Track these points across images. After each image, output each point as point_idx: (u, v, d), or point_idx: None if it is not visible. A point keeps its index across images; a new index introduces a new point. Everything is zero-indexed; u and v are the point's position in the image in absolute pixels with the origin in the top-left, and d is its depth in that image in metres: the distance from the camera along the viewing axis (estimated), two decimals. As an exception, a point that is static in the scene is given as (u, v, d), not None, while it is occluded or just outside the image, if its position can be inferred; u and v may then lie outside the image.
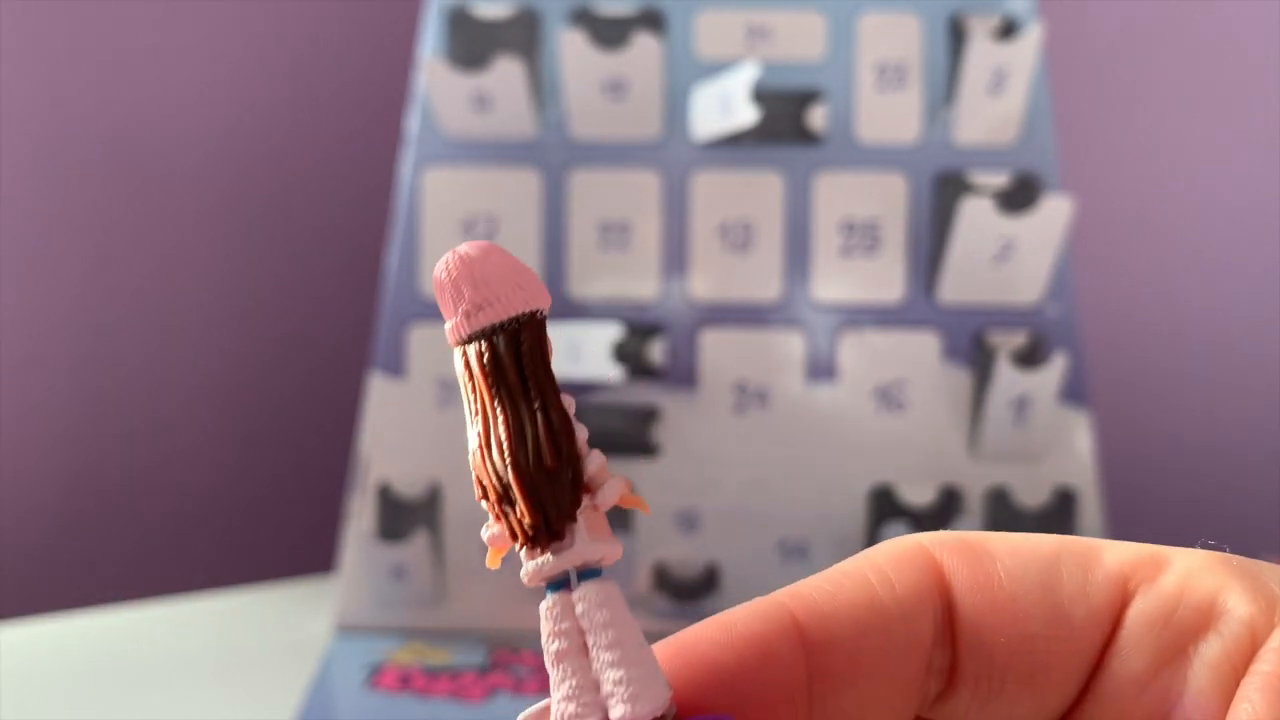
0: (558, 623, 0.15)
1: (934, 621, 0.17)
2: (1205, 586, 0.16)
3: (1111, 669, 0.16)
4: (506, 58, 0.47)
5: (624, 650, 0.15)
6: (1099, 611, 0.17)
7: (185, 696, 0.43)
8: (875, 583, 0.17)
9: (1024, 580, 0.17)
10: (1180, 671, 0.16)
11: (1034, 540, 0.17)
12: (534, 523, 0.15)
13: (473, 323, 0.15)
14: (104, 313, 0.63)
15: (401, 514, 0.48)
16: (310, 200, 0.68)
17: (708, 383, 0.48)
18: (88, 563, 0.63)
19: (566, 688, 0.15)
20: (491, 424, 0.15)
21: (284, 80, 0.66)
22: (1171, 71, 0.66)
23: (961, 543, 0.17)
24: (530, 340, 0.15)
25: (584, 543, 0.15)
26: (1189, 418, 0.67)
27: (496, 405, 0.15)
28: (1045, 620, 0.17)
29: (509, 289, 0.15)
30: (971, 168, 0.49)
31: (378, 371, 0.48)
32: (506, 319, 0.15)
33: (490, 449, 0.15)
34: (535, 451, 0.15)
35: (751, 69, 0.46)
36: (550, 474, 0.15)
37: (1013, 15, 0.49)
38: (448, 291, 0.15)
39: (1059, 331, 0.48)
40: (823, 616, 0.16)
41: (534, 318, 0.15)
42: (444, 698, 0.42)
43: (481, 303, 0.15)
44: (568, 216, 0.49)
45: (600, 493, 0.15)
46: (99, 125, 0.62)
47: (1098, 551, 0.17)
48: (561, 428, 0.15)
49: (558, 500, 0.15)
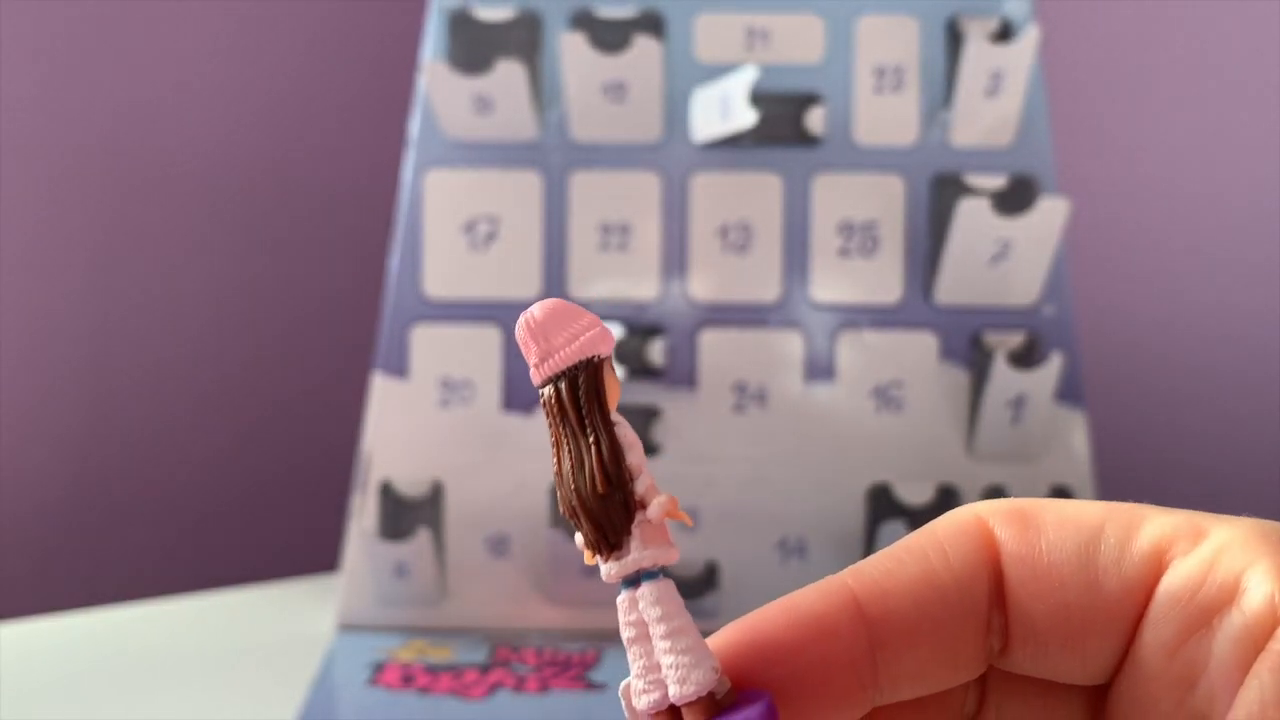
0: (627, 615, 0.18)
1: (988, 588, 0.18)
2: (1234, 562, 0.17)
3: (1144, 638, 0.17)
4: (507, 60, 0.47)
5: (674, 640, 0.18)
6: (1132, 583, 0.17)
7: (187, 695, 0.44)
8: (932, 557, 0.18)
9: (1063, 550, 0.18)
10: (1205, 642, 0.17)
11: (1082, 509, 0.18)
12: (595, 539, 0.18)
13: (541, 373, 0.18)
14: (106, 313, 0.63)
15: (403, 513, 0.48)
16: (313, 201, 0.68)
17: (707, 383, 0.49)
18: (89, 562, 0.64)
19: (637, 667, 0.18)
20: (562, 457, 0.18)
21: (286, 82, 0.67)
22: (1167, 73, 0.66)
23: (1013, 511, 0.18)
24: (587, 384, 0.18)
25: (638, 552, 0.18)
26: (1185, 418, 0.67)
27: (565, 439, 0.18)
28: (1080, 590, 0.17)
29: (567, 340, 0.18)
30: (969, 169, 0.49)
31: (380, 371, 0.49)
32: (565, 368, 0.18)
33: (562, 479, 0.18)
34: (590, 479, 0.18)
35: (751, 72, 0.47)
36: (603, 498, 0.18)
37: (1010, 18, 0.49)
38: (524, 347, 0.18)
39: (1055, 332, 0.48)
40: (882, 592, 0.18)
41: (590, 363, 0.18)
42: (446, 695, 0.43)
43: (545, 355, 0.18)
44: (568, 218, 0.49)
45: (650, 510, 0.18)
46: (101, 127, 0.63)
47: (1139, 522, 0.18)
48: (611, 456, 0.18)
49: (612, 519, 0.18)
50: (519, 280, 0.49)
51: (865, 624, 0.18)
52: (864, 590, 0.18)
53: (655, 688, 0.18)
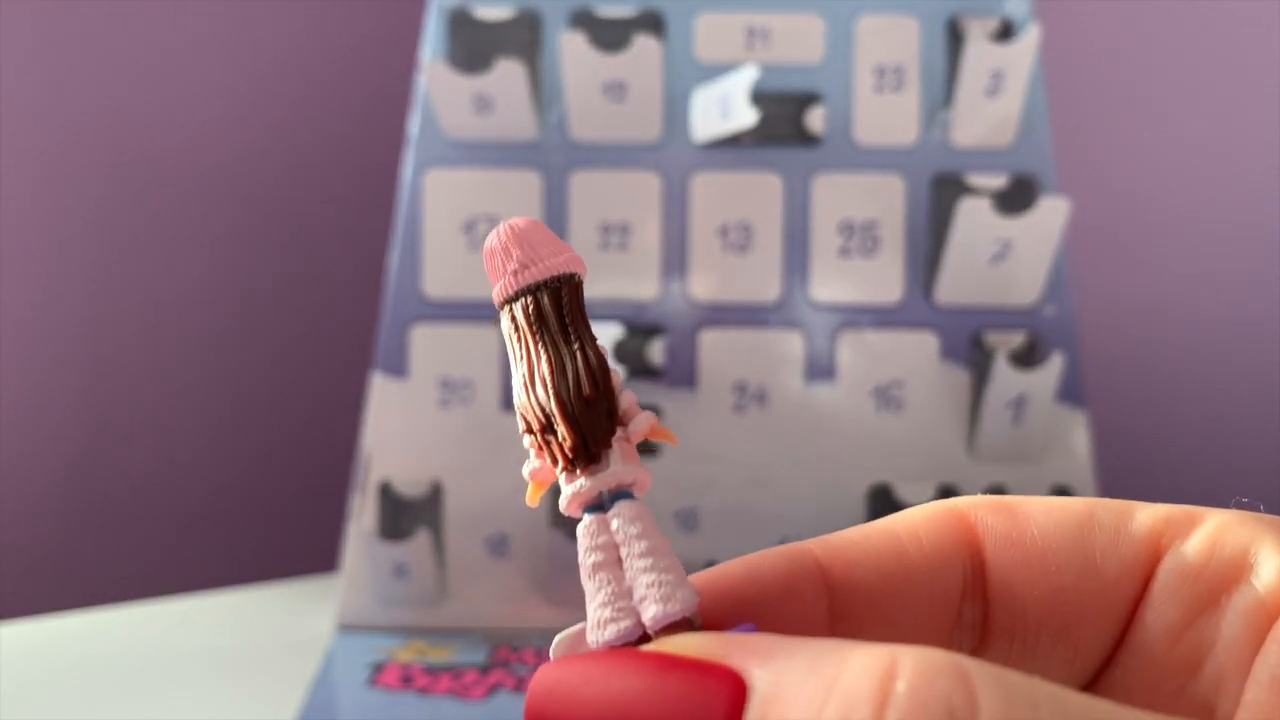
0: (594, 539, 0.17)
1: (963, 575, 0.17)
2: (1238, 539, 0.16)
3: (1144, 622, 0.17)
4: (507, 59, 0.47)
5: (656, 558, 0.17)
6: (1131, 565, 0.17)
7: (187, 695, 0.44)
8: (904, 538, 0.18)
9: (1056, 536, 0.17)
10: (1213, 622, 0.16)
11: (1068, 501, 0.18)
12: (574, 445, 0.17)
13: (520, 280, 0.17)
14: (104, 312, 0.63)
15: (403, 513, 0.48)
16: (312, 201, 0.68)
17: (707, 383, 0.48)
18: (88, 562, 0.64)
19: (603, 595, 0.16)
20: (535, 365, 0.17)
21: (285, 82, 0.67)
22: (1168, 73, 0.66)
23: (996, 503, 0.18)
24: (570, 296, 0.17)
25: (618, 465, 0.17)
26: (1186, 417, 0.67)
27: (540, 349, 0.17)
28: (1077, 574, 0.17)
29: (551, 253, 0.17)
30: (969, 169, 0.49)
31: (379, 372, 0.49)
32: (549, 277, 0.17)
33: (534, 385, 0.17)
34: (575, 383, 0.17)
35: (751, 71, 0.46)
36: (588, 402, 0.17)
37: (1010, 17, 0.49)
38: (498, 255, 0.17)
39: (1056, 332, 0.48)
40: (847, 562, 0.17)
41: (573, 279, 0.17)
42: (445, 696, 0.42)
43: (528, 262, 0.17)
44: (568, 217, 0.49)
45: (632, 424, 0.17)
46: (100, 127, 0.63)
47: (1131, 510, 0.17)
48: (599, 364, 0.17)
49: (594, 427, 0.17)
50: (519, 280, 0.49)
51: (827, 592, 0.17)
52: (829, 558, 0.17)
53: (625, 615, 0.16)
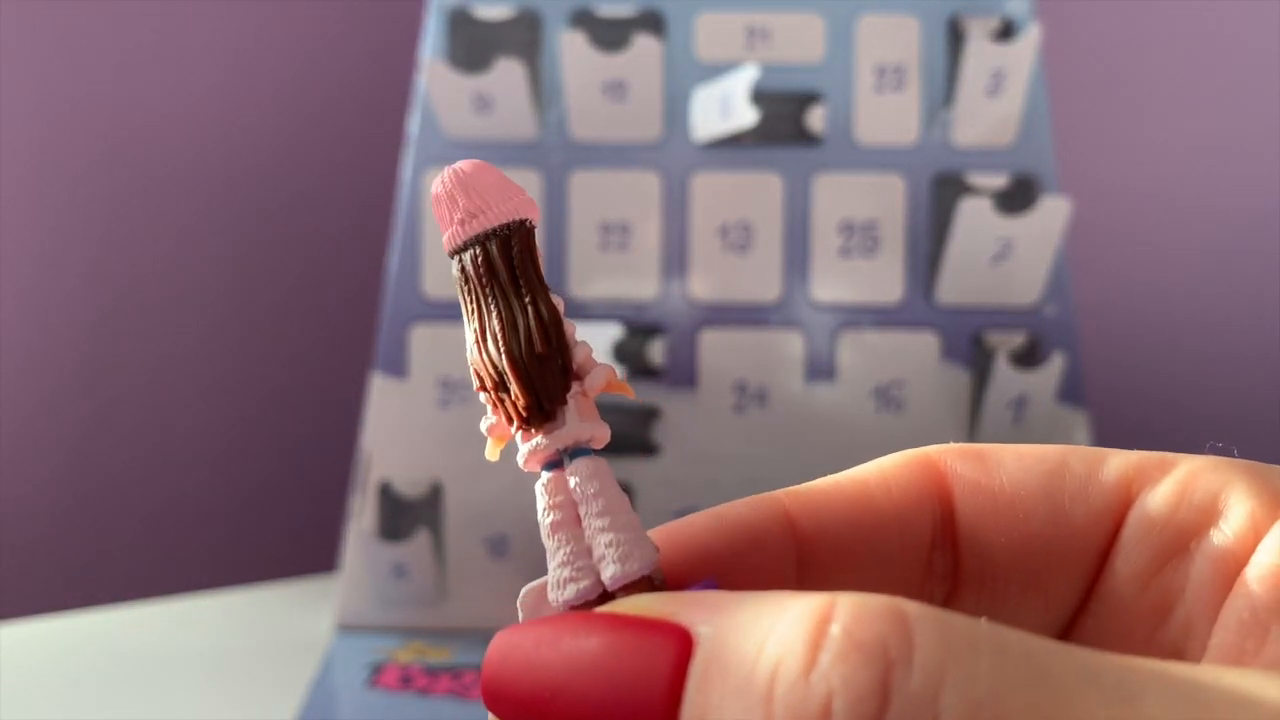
0: (553, 497, 0.16)
1: (932, 523, 0.17)
2: (1208, 484, 0.16)
3: (1114, 569, 0.16)
4: (507, 59, 0.47)
5: (613, 516, 0.16)
6: (1100, 512, 0.17)
7: (186, 696, 0.43)
8: (873, 486, 0.17)
9: (1025, 483, 0.17)
10: (1182, 568, 0.16)
11: (1041, 448, 0.17)
12: (528, 404, 0.16)
13: (467, 229, 0.16)
14: (104, 312, 0.63)
15: (403, 513, 0.48)
16: (312, 201, 0.68)
17: (708, 383, 0.48)
18: (88, 562, 0.64)
19: (562, 555, 0.16)
20: (487, 320, 0.16)
21: (285, 81, 0.66)
22: (1169, 72, 0.66)
23: (966, 451, 0.18)
24: (520, 245, 0.16)
25: (574, 423, 0.16)
26: (1186, 417, 0.67)
27: (490, 303, 0.16)
28: (1045, 521, 0.17)
29: (499, 199, 0.16)
30: (970, 169, 0.49)
31: (379, 372, 0.48)
32: (498, 225, 0.16)
33: (486, 342, 0.16)
34: (527, 339, 0.16)
35: (751, 71, 0.46)
36: (541, 359, 0.16)
37: (1011, 17, 0.49)
38: (444, 203, 0.16)
39: (1057, 332, 0.48)
40: (815, 510, 0.17)
41: (523, 225, 0.16)
42: (445, 696, 0.42)
43: (475, 210, 0.16)
44: (568, 217, 0.49)
45: (589, 379, 0.16)
46: (99, 125, 0.62)
47: (1102, 456, 0.17)
48: (551, 318, 0.16)
49: (548, 384, 0.16)
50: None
51: (795, 540, 0.17)
52: (797, 507, 0.17)
53: (584, 574, 0.16)
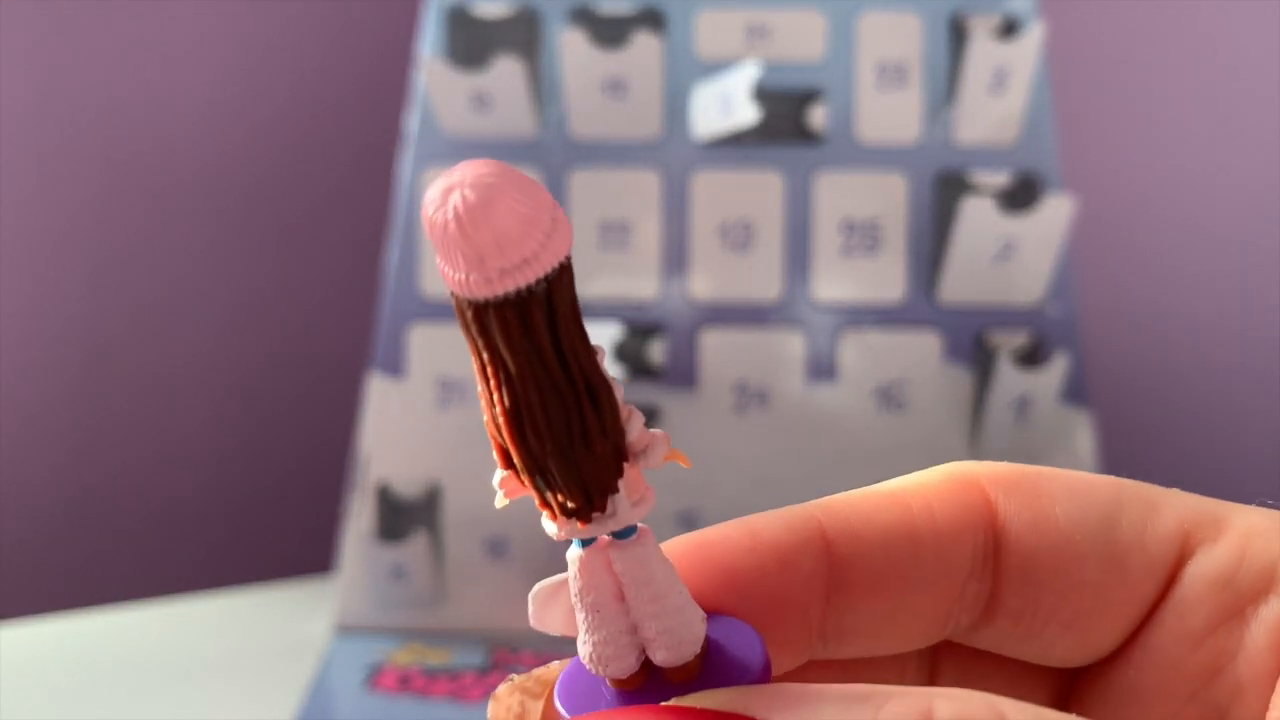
0: (592, 576, 0.14)
1: (973, 554, 0.16)
2: (1267, 548, 0.16)
3: (1165, 623, 0.16)
4: (506, 57, 0.47)
5: (664, 603, 0.14)
6: (1155, 564, 0.16)
7: (184, 697, 0.43)
8: (915, 509, 0.17)
9: (1082, 524, 0.16)
10: (1236, 632, 0.16)
11: (1091, 482, 0.17)
12: (577, 505, 0.13)
13: (495, 287, 0.12)
14: (102, 312, 0.63)
15: (401, 514, 0.48)
16: (309, 199, 0.67)
17: (708, 383, 0.48)
18: (86, 563, 0.63)
19: (604, 633, 0.14)
20: (520, 395, 0.13)
21: (283, 79, 0.66)
22: (1173, 70, 0.66)
23: (1017, 478, 0.17)
24: (563, 298, 0.13)
25: (625, 509, 0.14)
26: (1190, 418, 0.67)
27: (526, 373, 0.13)
28: (1099, 566, 0.16)
29: (538, 241, 0.12)
30: (972, 167, 0.48)
31: (377, 371, 0.48)
32: (535, 281, 0.12)
33: (521, 425, 0.13)
34: (581, 433, 0.13)
35: (752, 68, 0.46)
36: (594, 453, 0.13)
37: (1014, 14, 0.49)
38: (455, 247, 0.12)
39: (1060, 331, 0.48)
40: (852, 534, 0.16)
41: (564, 269, 0.13)
42: (443, 698, 0.42)
43: (507, 266, 0.12)
44: (568, 216, 0.49)
45: (644, 458, 0.14)
46: (95, 124, 0.62)
47: (1157, 502, 0.17)
48: (605, 399, 0.13)
49: (601, 478, 0.13)
50: (518, 279, 0.48)
51: (829, 565, 0.16)
52: (835, 528, 0.16)
53: (629, 651, 0.14)
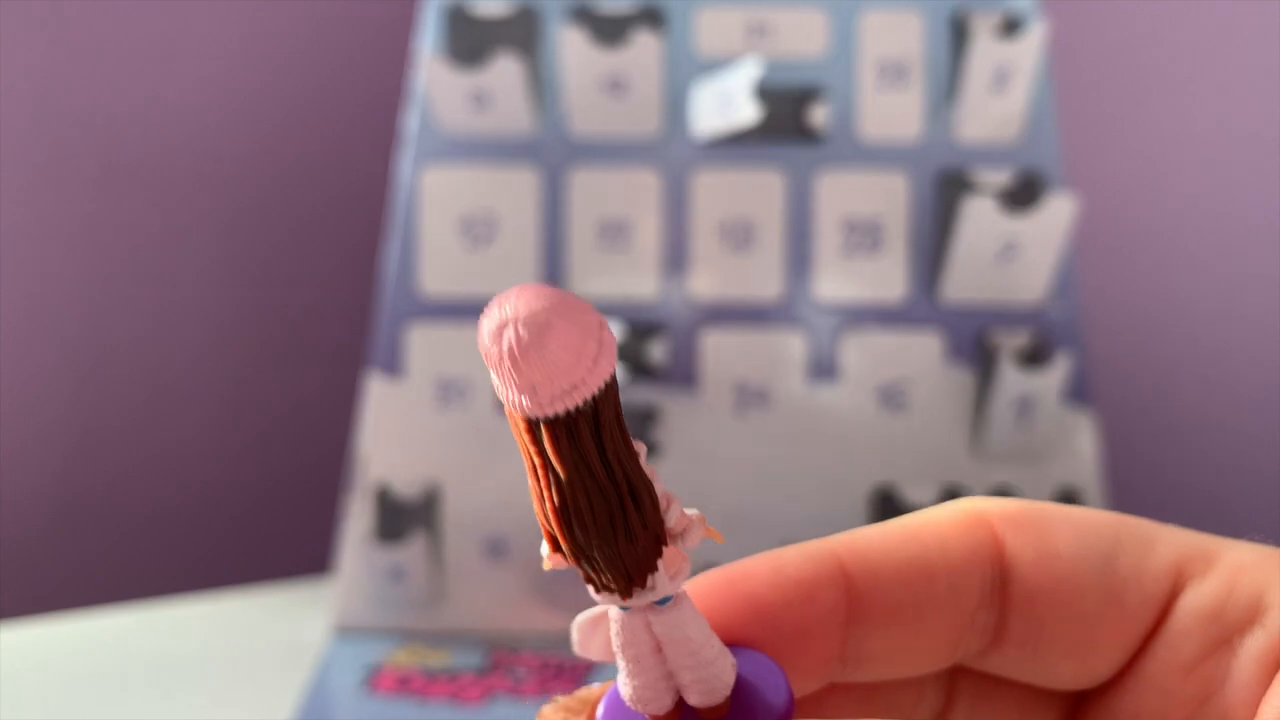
0: (632, 634, 0.16)
1: (982, 586, 0.18)
2: (1253, 583, 0.17)
3: (1157, 653, 0.18)
4: (505, 55, 0.47)
5: (699, 657, 0.16)
6: (1151, 598, 0.18)
7: (182, 698, 0.43)
8: (929, 544, 0.18)
9: (1084, 559, 0.18)
10: (1224, 661, 0.17)
11: (1092, 517, 0.18)
12: (619, 587, 0.15)
13: (545, 410, 0.14)
14: (101, 312, 0.63)
15: (399, 515, 0.47)
16: (307, 198, 0.67)
17: (708, 383, 0.48)
18: (83, 564, 0.63)
19: (643, 679, 0.16)
20: (568, 495, 0.14)
21: (280, 77, 0.66)
22: (1177, 69, 0.66)
23: (1024, 515, 0.18)
24: (608, 411, 0.14)
25: (664, 583, 0.15)
26: (1193, 418, 0.67)
27: (575, 478, 0.14)
28: (1099, 599, 0.18)
29: (585, 367, 0.13)
30: (974, 166, 0.48)
31: (375, 371, 0.48)
32: (584, 401, 0.14)
33: (569, 521, 0.15)
34: (624, 528, 0.14)
35: (753, 67, 0.46)
36: (635, 545, 0.15)
37: (1016, 13, 0.48)
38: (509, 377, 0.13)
39: (1062, 331, 0.48)
40: (871, 568, 0.18)
41: (609, 385, 0.14)
42: (443, 700, 0.42)
43: (558, 392, 0.13)
44: (567, 215, 0.48)
45: (682, 540, 0.15)
46: (92, 122, 0.62)
47: (1154, 538, 0.18)
48: (645, 497, 0.15)
49: (641, 562, 0.15)
50: (517, 278, 0.48)
51: (848, 597, 0.18)
52: (853, 563, 0.18)
53: (667, 694, 0.16)
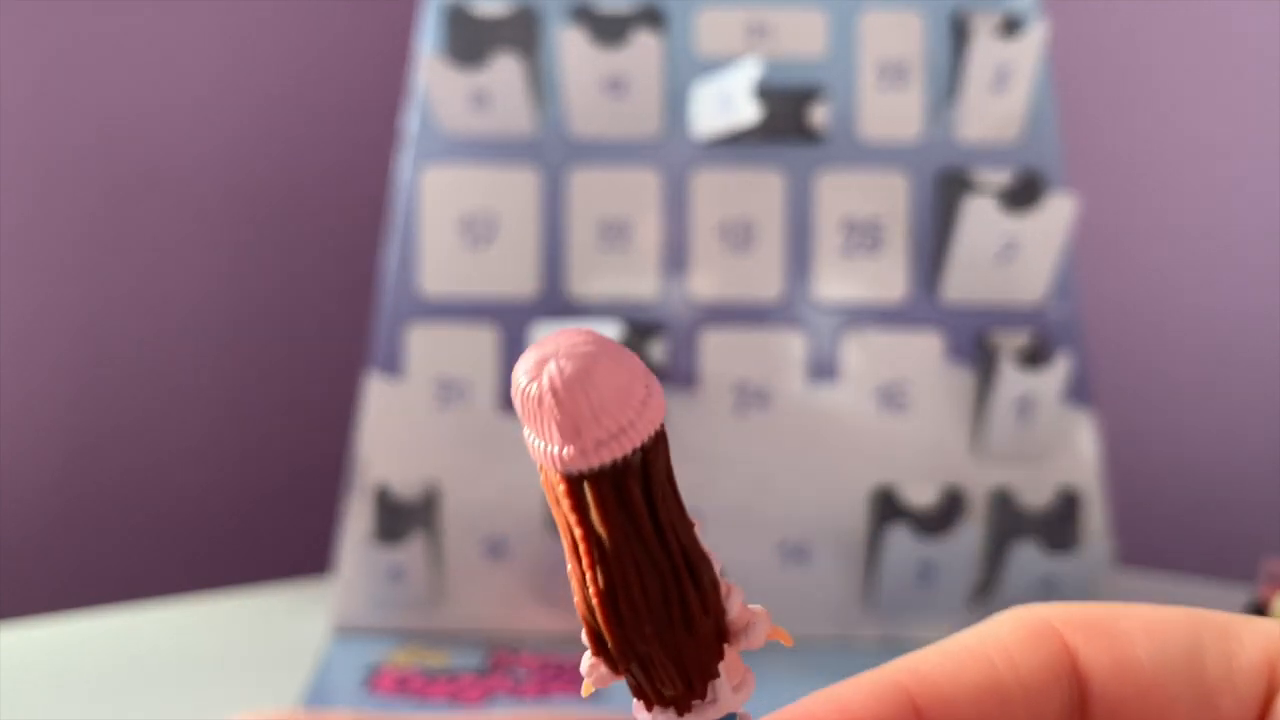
0: None
1: (1061, 704, 0.17)
2: None
3: None
4: (505, 55, 0.47)
5: None
6: (1246, 699, 0.16)
7: (182, 698, 0.43)
8: (999, 664, 0.16)
9: (1166, 664, 0.16)
10: None
11: (1166, 615, 0.17)
12: (677, 692, 0.13)
13: (591, 459, 0.12)
14: (100, 313, 0.63)
15: (399, 515, 0.47)
16: (308, 198, 0.67)
17: (708, 383, 0.48)
18: (84, 564, 0.63)
19: None
20: (617, 571, 0.12)
21: (281, 78, 0.66)
22: (1176, 69, 0.66)
23: (1092, 619, 0.17)
24: (659, 467, 0.12)
25: (726, 696, 0.13)
26: (1193, 418, 0.66)
27: (623, 548, 0.12)
28: (1192, 707, 0.16)
29: (634, 409, 0.12)
30: (974, 166, 0.48)
31: (375, 371, 0.48)
32: (632, 451, 0.12)
33: (617, 604, 0.12)
34: (681, 610, 0.12)
35: (753, 66, 0.46)
36: (695, 634, 0.13)
37: (1015, 13, 0.48)
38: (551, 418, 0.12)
39: (1062, 331, 0.48)
40: (943, 700, 0.16)
41: (660, 436, 0.12)
42: (442, 700, 0.42)
43: (604, 437, 0.12)
44: (567, 215, 0.48)
45: (745, 637, 0.13)
46: (95, 123, 0.62)
47: (1237, 632, 0.17)
48: (705, 575, 0.13)
49: (702, 661, 0.13)
50: (517, 278, 0.48)
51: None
52: (923, 695, 0.16)
53: None
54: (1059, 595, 0.47)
